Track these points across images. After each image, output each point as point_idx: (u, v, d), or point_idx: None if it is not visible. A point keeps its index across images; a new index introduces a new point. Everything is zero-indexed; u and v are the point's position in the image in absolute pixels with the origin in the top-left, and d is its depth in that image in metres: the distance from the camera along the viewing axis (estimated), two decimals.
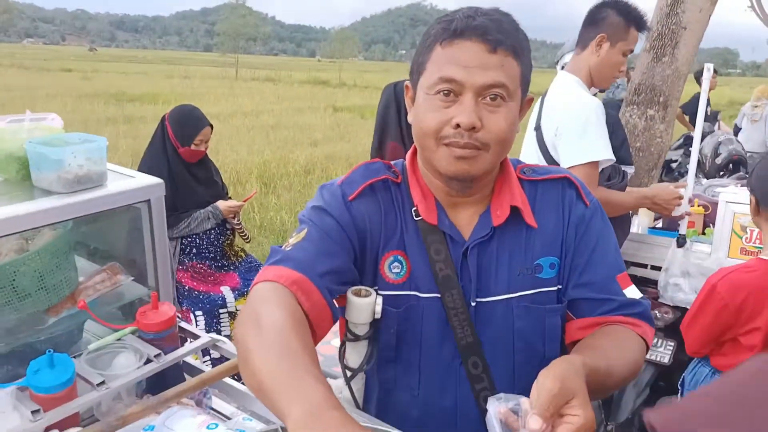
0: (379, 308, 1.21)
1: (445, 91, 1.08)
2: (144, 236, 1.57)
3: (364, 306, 1.21)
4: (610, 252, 1.25)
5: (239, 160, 10.78)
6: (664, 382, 3.14)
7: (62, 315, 1.43)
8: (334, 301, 1.14)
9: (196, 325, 3.34)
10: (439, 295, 1.19)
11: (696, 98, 8.01)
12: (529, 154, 2.63)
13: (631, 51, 2.53)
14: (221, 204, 3.46)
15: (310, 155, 11.89)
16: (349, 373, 1.28)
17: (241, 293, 3.45)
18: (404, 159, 1.30)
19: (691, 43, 4.12)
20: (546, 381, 0.89)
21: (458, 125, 1.07)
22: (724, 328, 2.15)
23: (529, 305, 1.21)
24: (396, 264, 1.21)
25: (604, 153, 2.35)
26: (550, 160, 2.49)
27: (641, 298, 1.24)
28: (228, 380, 1.42)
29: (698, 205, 3.35)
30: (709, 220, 3.34)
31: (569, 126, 2.38)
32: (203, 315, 3.35)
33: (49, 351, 1.20)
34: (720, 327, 2.15)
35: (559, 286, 1.23)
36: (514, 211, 1.21)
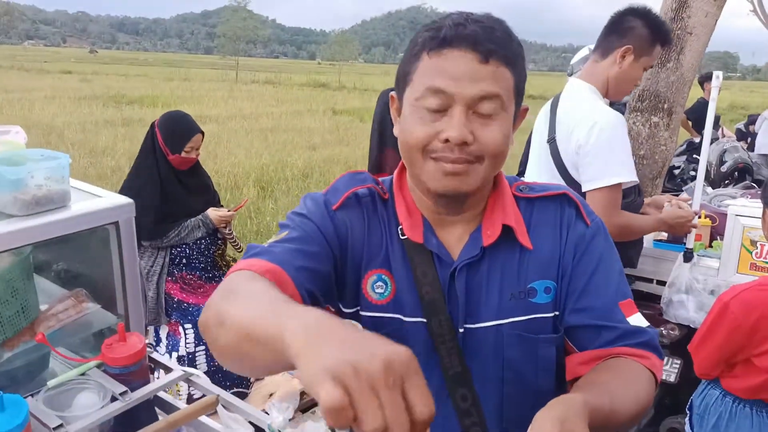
0: None
1: (434, 102, 0.99)
2: (112, 260, 1.44)
3: None
4: (613, 276, 1.13)
5: (237, 164, 10.69)
6: (670, 400, 3.04)
7: (19, 349, 1.31)
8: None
9: (185, 338, 3.23)
10: (425, 320, 1.09)
11: (699, 103, 7.92)
12: (538, 169, 2.49)
13: (651, 66, 2.43)
14: (212, 213, 3.35)
15: (308, 159, 11.80)
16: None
17: None
18: (393, 176, 1.20)
19: (697, 48, 4.00)
20: (544, 424, 0.78)
21: (447, 140, 0.98)
22: (736, 349, 2.05)
23: (521, 333, 1.10)
24: (380, 284, 1.11)
25: (630, 174, 2.23)
26: (567, 177, 2.34)
27: (647, 326, 1.12)
28: (203, 419, 1.30)
29: (705, 217, 3.23)
30: (716, 232, 3.22)
31: (594, 144, 2.23)
32: (192, 328, 3.25)
33: None
34: (732, 348, 2.05)
35: (556, 313, 1.12)
36: (507, 230, 1.10)
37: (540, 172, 2.47)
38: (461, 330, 1.09)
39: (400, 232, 1.12)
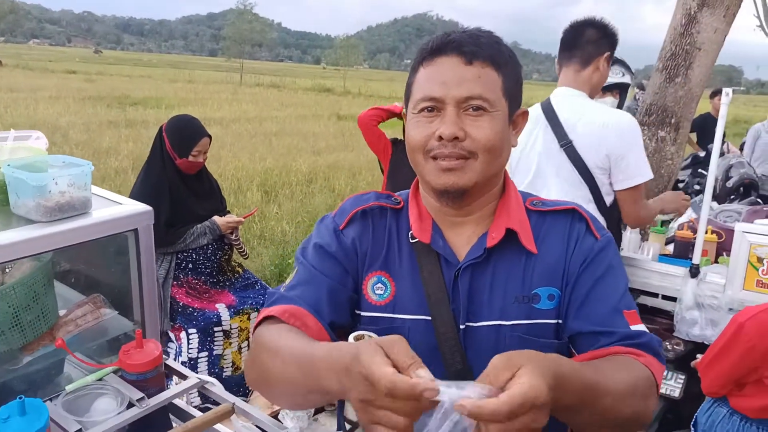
0: None
1: (428, 108, 1.10)
2: (130, 267, 1.45)
3: None
4: (618, 287, 1.15)
5: (241, 167, 10.67)
6: (674, 415, 3.04)
7: (38, 353, 1.32)
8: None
9: (189, 343, 3.23)
10: (429, 318, 1.15)
11: (703, 117, 7.92)
12: (557, 175, 2.59)
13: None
14: (219, 219, 3.36)
15: (312, 163, 11.79)
16: (348, 426, 1.18)
17: (236, 311, 3.34)
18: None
19: (705, 64, 4.01)
20: (493, 359, 0.80)
21: (441, 137, 1.08)
22: (749, 370, 2.06)
23: (522, 335, 1.13)
24: (379, 285, 1.19)
25: (651, 172, 2.53)
26: (588, 177, 2.54)
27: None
28: (218, 427, 1.31)
29: (711, 233, 3.24)
30: (722, 248, 3.23)
31: (627, 149, 2.48)
32: (197, 333, 3.24)
33: (20, 397, 1.09)
34: (745, 368, 2.06)
35: (558, 321, 1.15)
36: (513, 235, 1.15)
37: (560, 175, 2.59)
38: (462, 327, 1.13)
39: (410, 237, 1.19)
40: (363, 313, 1.19)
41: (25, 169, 1.32)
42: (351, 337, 1.13)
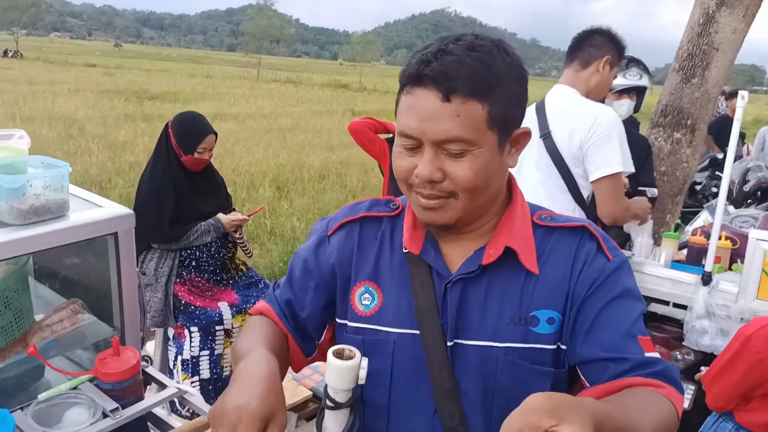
0: (363, 373, 1.06)
1: (408, 144, 1.04)
2: (110, 272, 1.41)
3: (346, 370, 1.06)
4: (632, 312, 1.07)
5: (254, 163, 10.68)
6: (683, 427, 2.96)
7: (10, 360, 1.28)
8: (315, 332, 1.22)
9: (191, 341, 3.20)
10: (417, 332, 1.10)
11: (722, 118, 7.79)
12: (537, 163, 2.63)
13: (616, 76, 2.81)
14: (223, 217, 3.32)
15: (326, 160, 11.78)
16: None
17: (239, 310, 3.30)
18: None
19: (723, 64, 3.91)
20: (528, 400, 0.75)
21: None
22: (756, 383, 1.98)
23: (516, 360, 1.07)
24: (366, 295, 1.16)
25: (628, 165, 2.53)
26: (564, 168, 2.58)
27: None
28: None
29: (725, 239, 3.14)
30: (736, 255, 3.13)
31: (598, 138, 2.50)
32: (198, 331, 3.21)
33: None
34: (752, 382, 1.98)
35: (559, 345, 1.08)
36: (513, 252, 1.08)
37: (539, 166, 2.64)
38: (450, 344, 1.08)
39: (403, 247, 1.14)
40: (350, 324, 1.16)
41: (1, 170, 1.28)
42: (330, 352, 1.08)
